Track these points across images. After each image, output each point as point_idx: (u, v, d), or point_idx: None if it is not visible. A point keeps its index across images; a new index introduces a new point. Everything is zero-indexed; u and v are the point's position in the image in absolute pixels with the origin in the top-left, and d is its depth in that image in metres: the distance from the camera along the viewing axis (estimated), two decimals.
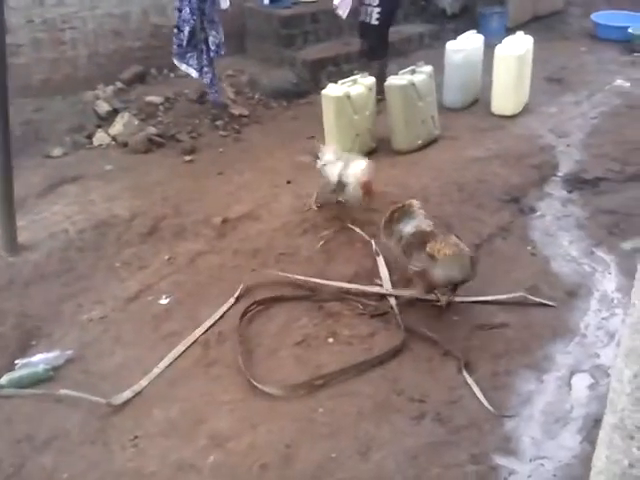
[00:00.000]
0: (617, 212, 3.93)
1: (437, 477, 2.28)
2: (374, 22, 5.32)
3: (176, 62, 5.18)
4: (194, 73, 5.16)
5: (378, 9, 5.25)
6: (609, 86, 5.85)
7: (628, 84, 5.87)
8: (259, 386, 2.66)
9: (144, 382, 2.78)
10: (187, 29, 4.96)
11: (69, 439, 2.55)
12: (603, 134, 4.94)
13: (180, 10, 4.98)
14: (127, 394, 2.71)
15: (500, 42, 5.30)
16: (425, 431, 2.47)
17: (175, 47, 5.10)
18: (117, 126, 5.03)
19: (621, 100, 5.54)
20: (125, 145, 4.94)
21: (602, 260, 3.50)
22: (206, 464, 2.40)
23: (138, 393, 2.74)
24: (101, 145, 5.05)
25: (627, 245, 3.62)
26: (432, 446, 2.40)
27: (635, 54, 6.62)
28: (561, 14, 8.00)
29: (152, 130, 5.04)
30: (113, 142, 5.02)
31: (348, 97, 4.46)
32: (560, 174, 4.44)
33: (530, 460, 2.32)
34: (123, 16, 5.66)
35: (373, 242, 3.39)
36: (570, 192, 4.23)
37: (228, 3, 5.15)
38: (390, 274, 3.29)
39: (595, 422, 2.45)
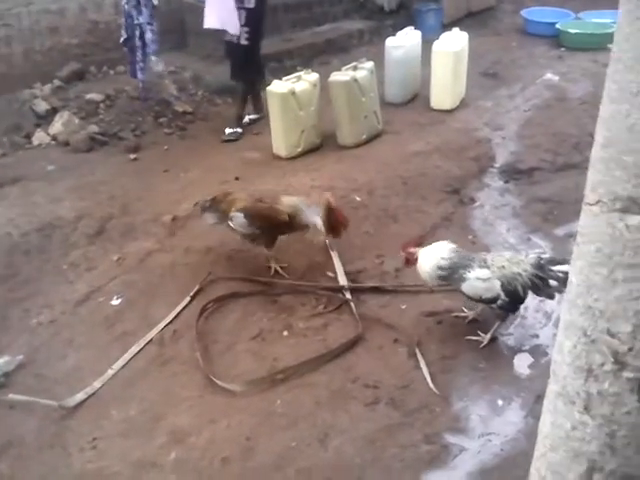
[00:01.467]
0: (550, 200, 4.15)
1: (393, 458, 2.39)
2: (244, 42, 4.92)
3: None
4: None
5: (247, 28, 4.86)
6: (540, 80, 6.12)
7: (557, 78, 6.16)
8: (220, 383, 2.70)
9: (97, 384, 2.78)
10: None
11: (25, 445, 2.53)
12: (536, 126, 5.18)
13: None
14: (80, 396, 2.71)
15: (437, 38, 5.48)
16: (380, 416, 2.58)
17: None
18: (57, 125, 4.92)
19: (551, 93, 5.81)
20: (66, 144, 4.84)
21: (538, 246, 3.69)
22: (168, 461, 2.44)
23: (91, 395, 2.74)
24: (41, 145, 4.93)
25: (561, 231, 3.85)
26: (387, 429, 2.51)
27: (562, 49, 6.95)
28: (493, 10, 8.30)
29: (94, 128, 4.96)
30: (53, 142, 4.91)
31: (293, 93, 4.52)
32: (497, 165, 4.64)
33: (479, 437, 2.47)
34: (59, 12, 5.52)
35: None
36: (506, 182, 4.44)
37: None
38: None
39: (537, 398, 2.61)
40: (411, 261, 2.91)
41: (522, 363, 2.83)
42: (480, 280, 2.74)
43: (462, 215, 4.04)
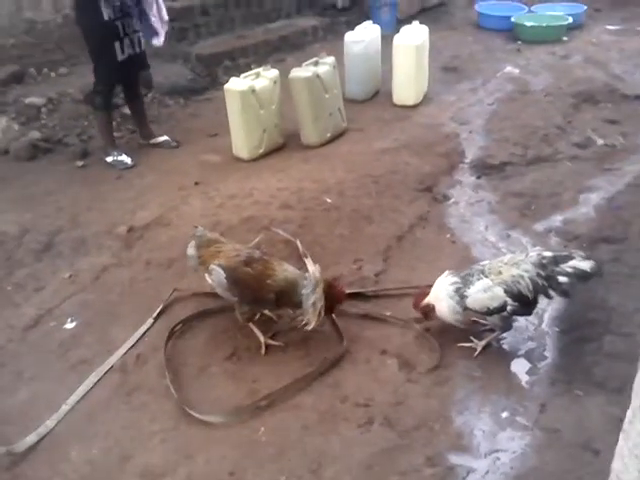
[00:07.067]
0: (525, 194, 4.03)
1: None
2: (144, 48, 4.44)
3: None
4: None
5: (141, 33, 4.36)
6: (500, 73, 6.06)
7: (517, 71, 6.11)
8: (197, 415, 2.41)
9: (51, 422, 2.44)
10: None
11: None
12: (502, 120, 5.08)
13: None
14: (31, 439, 2.37)
15: (392, 33, 5.33)
16: (375, 437, 2.34)
17: None
18: None
19: (513, 86, 5.74)
20: (6, 153, 4.46)
21: (519, 242, 3.55)
22: None
23: (45, 436, 2.40)
24: None
25: (540, 226, 3.72)
26: (385, 453, 2.28)
27: (519, 42, 6.92)
28: (446, 5, 8.25)
29: (36, 135, 4.57)
30: None
31: (253, 91, 4.25)
32: (467, 161, 4.50)
33: (485, 455, 2.26)
34: None
35: (298, 242, 3.21)
36: (479, 178, 4.29)
37: None
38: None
39: (541, 407, 2.44)
40: (430, 314, 2.73)
41: (520, 369, 2.65)
42: (481, 291, 2.56)
43: (438, 213, 3.86)
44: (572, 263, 2.57)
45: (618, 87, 5.55)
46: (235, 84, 4.26)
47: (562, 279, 2.56)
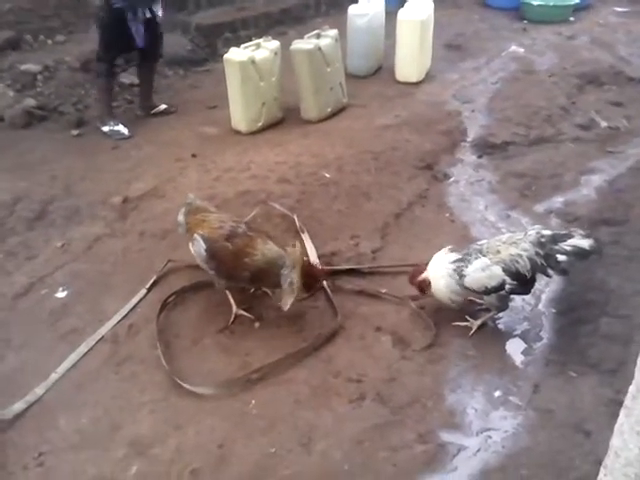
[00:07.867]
0: (526, 175, 3.97)
1: (385, 461, 2.15)
2: (160, 14, 4.31)
3: None
4: None
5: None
6: (505, 52, 5.96)
7: (522, 50, 6.01)
8: (186, 386, 2.38)
9: (40, 390, 2.42)
10: None
11: None
12: (505, 99, 5.00)
13: None
14: (19, 406, 2.35)
15: (396, 9, 5.22)
16: (367, 413, 2.32)
17: None
18: None
19: (517, 65, 5.65)
20: (0, 120, 4.37)
21: (518, 222, 3.51)
22: (128, 476, 2.12)
23: (34, 403, 2.37)
24: None
25: (540, 207, 3.67)
26: (377, 428, 2.26)
27: (525, 21, 6.81)
28: None
29: (31, 102, 4.48)
30: None
31: (253, 62, 4.16)
32: (469, 139, 4.44)
33: (477, 433, 2.24)
34: None
35: (295, 217, 3.16)
36: (480, 157, 4.24)
37: None
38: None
39: (535, 387, 2.42)
40: (425, 288, 2.68)
41: (514, 349, 2.63)
42: (479, 270, 2.52)
43: (437, 192, 3.81)
44: (571, 241, 2.53)
45: (623, 69, 5.46)
46: (235, 54, 4.17)
47: (561, 257, 2.52)
